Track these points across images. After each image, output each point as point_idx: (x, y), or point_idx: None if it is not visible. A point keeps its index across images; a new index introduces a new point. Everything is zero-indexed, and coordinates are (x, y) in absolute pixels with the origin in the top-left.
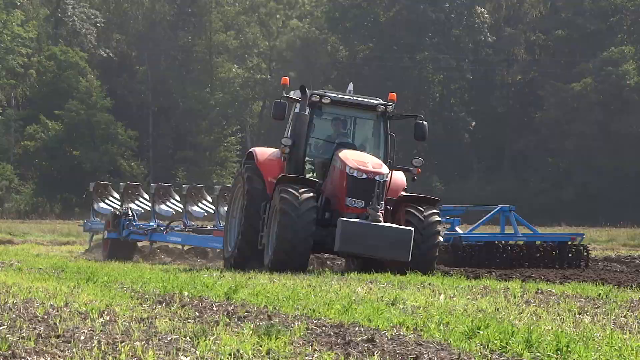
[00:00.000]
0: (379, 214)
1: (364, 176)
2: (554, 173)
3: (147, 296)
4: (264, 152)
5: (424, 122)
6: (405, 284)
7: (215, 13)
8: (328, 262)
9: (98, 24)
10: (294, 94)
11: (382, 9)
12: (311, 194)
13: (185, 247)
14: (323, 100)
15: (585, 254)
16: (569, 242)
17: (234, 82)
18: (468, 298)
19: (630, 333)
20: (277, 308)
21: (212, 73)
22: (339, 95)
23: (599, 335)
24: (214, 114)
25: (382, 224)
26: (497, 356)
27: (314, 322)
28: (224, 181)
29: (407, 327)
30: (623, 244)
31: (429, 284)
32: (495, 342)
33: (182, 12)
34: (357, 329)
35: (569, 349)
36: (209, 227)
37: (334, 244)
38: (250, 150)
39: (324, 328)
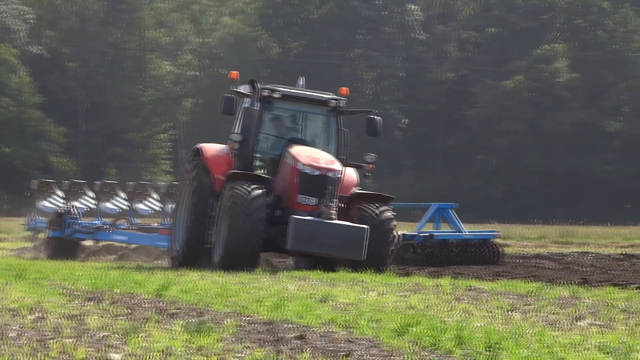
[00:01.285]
0: (332, 211)
1: (316, 172)
2: (485, 170)
3: (77, 293)
4: (211, 148)
5: (377, 117)
6: (336, 280)
7: (147, 10)
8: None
9: (29, 21)
10: (243, 89)
11: (314, 6)
12: (262, 191)
13: (132, 246)
14: (274, 95)
15: (498, 251)
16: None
17: (165, 79)
18: (399, 295)
19: (560, 330)
20: (207, 305)
21: (143, 70)
22: (290, 90)
23: (530, 332)
24: (145, 110)
25: (336, 221)
26: (428, 353)
27: (245, 319)
28: (154, 178)
29: (338, 324)
30: (553, 241)
31: (361, 281)
32: (426, 339)
33: (114, 9)
34: (288, 325)
35: (499, 345)
36: (154, 225)
37: (285, 242)
38: (198, 146)
39: (254, 325)
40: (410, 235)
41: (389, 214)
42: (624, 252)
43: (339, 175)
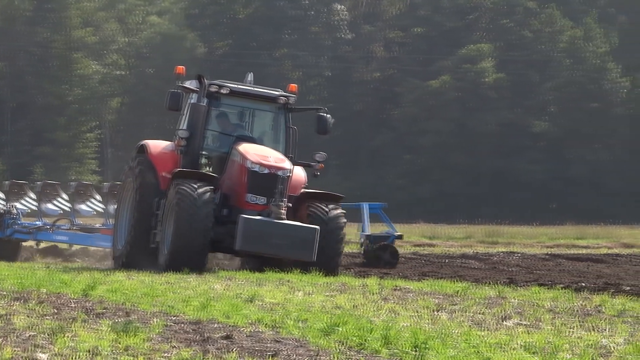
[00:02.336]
0: (282, 211)
1: (266, 171)
2: (411, 170)
3: (4, 293)
4: (156, 145)
5: (327, 115)
6: (263, 280)
7: (74, 9)
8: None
9: None
10: (189, 84)
11: (240, 5)
12: (209, 190)
13: (74, 247)
14: (221, 91)
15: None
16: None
17: (92, 79)
18: (326, 295)
19: (487, 330)
20: (135, 305)
21: (70, 69)
22: (238, 86)
23: (456, 332)
24: (71, 110)
25: (286, 221)
26: (354, 353)
27: (172, 318)
28: (80, 178)
29: (265, 323)
30: (480, 241)
31: (287, 280)
32: (353, 338)
33: (40, 8)
34: (215, 325)
35: (426, 345)
36: (96, 225)
37: (233, 242)
38: (142, 142)
39: (181, 325)
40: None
41: (339, 213)
42: (549, 252)
43: (288, 174)
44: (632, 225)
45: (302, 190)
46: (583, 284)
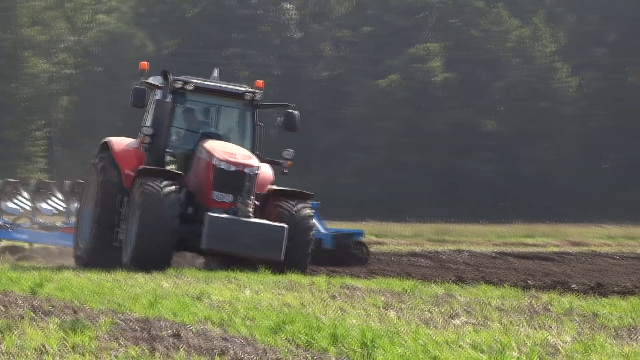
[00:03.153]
0: (250, 209)
1: (233, 168)
2: (361, 169)
3: None
4: (120, 142)
5: (296, 112)
6: (212, 278)
7: (22, 8)
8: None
9: None
10: (153, 79)
11: (189, 4)
12: (174, 187)
13: (35, 245)
14: (186, 87)
15: (364, 250)
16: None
17: (40, 77)
18: (274, 293)
19: (435, 328)
20: (82, 302)
21: (18, 68)
22: (204, 82)
23: (405, 330)
24: (20, 108)
25: (253, 220)
26: (303, 351)
27: (120, 316)
28: (28, 176)
29: (213, 322)
30: (428, 239)
31: (235, 278)
32: (301, 337)
33: None
34: (163, 323)
35: (374, 343)
36: (58, 224)
37: (199, 241)
38: (105, 140)
39: (129, 323)
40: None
41: (308, 211)
42: (498, 251)
43: (256, 172)
44: (581, 223)
45: (270, 188)
46: (531, 282)
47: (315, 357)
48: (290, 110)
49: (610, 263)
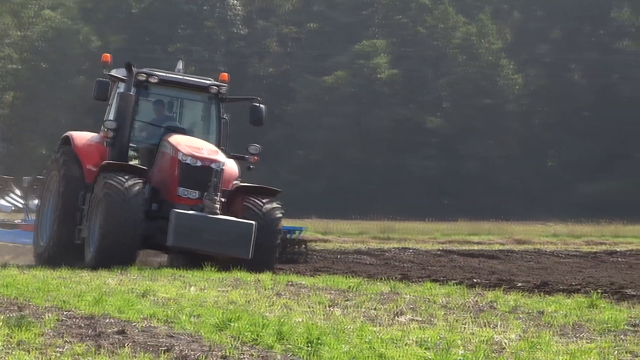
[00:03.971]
0: (217, 205)
1: (199, 163)
2: (305, 165)
3: None
4: (82, 137)
5: (262, 106)
6: (157, 275)
7: None
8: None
9: None
10: (116, 72)
11: (135, 0)
12: (139, 183)
13: None
14: (150, 80)
15: (304, 247)
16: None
17: None
18: (219, 290)
19: (381, 325)
20: (28, 299)
21: None
22: (168, 75)
23: (350, 328)
24: None
25: (221, 216)
26: (248, 348)
27: (65, 313)
28: None
29: (159, 319)
30: (373, 236)
31: (180, 275)
32: (247, 334)
33: None
34: (108, 320)
35: (320, 341)
36: (16, 221)
37: (164, 238)
38: (66, 134)
39: (75, 320)
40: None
41: (275, 208)
42: (442, 248)
43: (222, 167)
44: (525, 221)
45: (236, 184)
46: (476, 280)
47: (260, 354)
48: (256, 104)
49: (554, 261)
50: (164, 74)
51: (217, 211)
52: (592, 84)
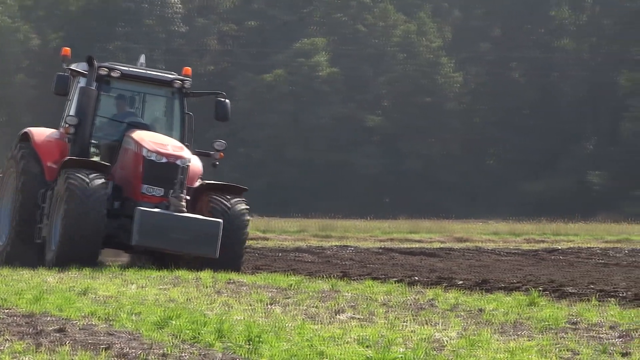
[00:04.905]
0: (183, 203)
1: (164, 160)
2: (245, 163)
3: None
4: (41, 133)
5: (227, 101)
6: (97, 273)
7: None
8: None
9: None
10: (76, 66)
11: None
12: (102, 179)
13: None
14: (112, 74)
15: None
16: None
17: None
18: (159, 288)
19: (321, 323)
20: None
21: None
22: (131, 69)
23: (290, 326)
24: None
25: (187, 214)
26: (188, 346)
27: (5, 311)
28: None
29: (99, 317)
30: (313, 234)
31: (120, 273)
32: (187, 332)
33: None
34: (48, 318)
35: (260, 339)
36: None
37: (127, 237)
38: (25, 130)
39: (14, 318)
40: None
41: (243, 206)
42: (383, 246)
43: (188, 163)
44: (465, 219)
45: (200, 181)
46: (416, 278)
47: (201, 352)
48: (221, 99)
49: (495, 259)
50: (127, 68)
51: (183, 209)
52: (533, 82)
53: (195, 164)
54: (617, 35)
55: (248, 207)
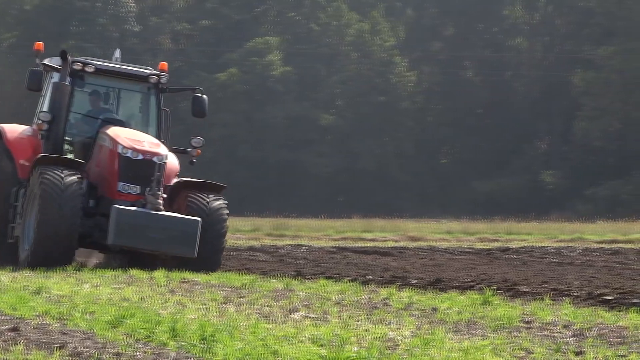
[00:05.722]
0: (160, 201)
1: (140, 157)
2: (198, 162)
3: None
4: (13, 130)
5: (204, 96)
6: (51, 272)
7: None
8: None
9: None
10: (49, 60)
11: None
12: (77, 177)
13: None
14: (86, 69)
15: None
16: None
17: None
18: (113, 287)
19: (274, 322)
20: None
21: None
22: (105, 63)
23: (244, 325)
24: None
25: (165, 213)
26: (142, 345)
27: None
28: None
29: (52, 316)
30: (267, 233)
31: (74, 272)
32: (141, 331)
33: None
34: (1, 317)
35: (213, 338)
36: None
37: (103, 236)
38: None
39: None
40: None
41: (222, 204)
42: (336, 245)
43: (165, 160)
44: (418, 218)
45: (177, 179)
46: (370, 277)
47: (154, 352)
48: (198, 94)
49: (448, 258)
50: (101, 63)
51: (160, 207)
52: (486, 82)
53: (172, 161)
54: (570, 35)
55: (227, 204)
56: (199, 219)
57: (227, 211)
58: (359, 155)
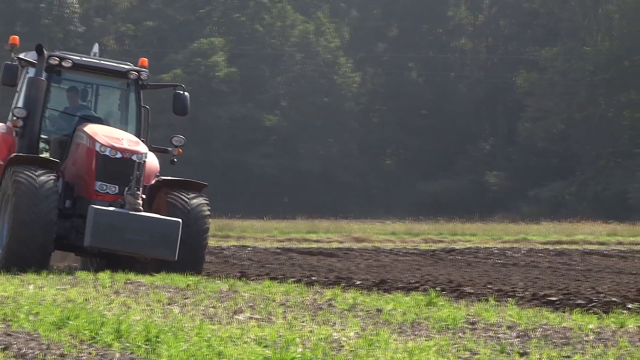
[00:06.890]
0: (139, 201)
1: (119, 155)
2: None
3: None
4: None
5: (186, 93)
6: None
7: None
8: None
9: None
10: (25, 55)
11: None
12: (52, 177)
13: None
14: (63, 64)
15: None
16: None
17: None
18: (58, 288)
19: (219, 323)
20: None
21: None
22: (83, 58)
23: (189, 326)
24: None
25: (144, 214)
26: (86, 347)
27: None
28: None
29: None
30: (212, 234)
31: (18, 273)
32: (85, 332)
33: None
34: None
35: (158, 339)
36: None
37: (80, 238)
38: None
39: None
40: None
41: (204, 204)
42: (281, 246)
43: (144, 159)
44: (363, 219)
45: (157, 178)
46: (315, 278)
47: (99, 353)
48: (180, 92)
49: (393, 259)
50: (79, 58)
51: (140, 208)
52: (430, 83)
53: (152, 160)
54: (513, 36)
55: (208, 202)
56: (179, 220)
57: (209, 208)
58: (303, 156)
